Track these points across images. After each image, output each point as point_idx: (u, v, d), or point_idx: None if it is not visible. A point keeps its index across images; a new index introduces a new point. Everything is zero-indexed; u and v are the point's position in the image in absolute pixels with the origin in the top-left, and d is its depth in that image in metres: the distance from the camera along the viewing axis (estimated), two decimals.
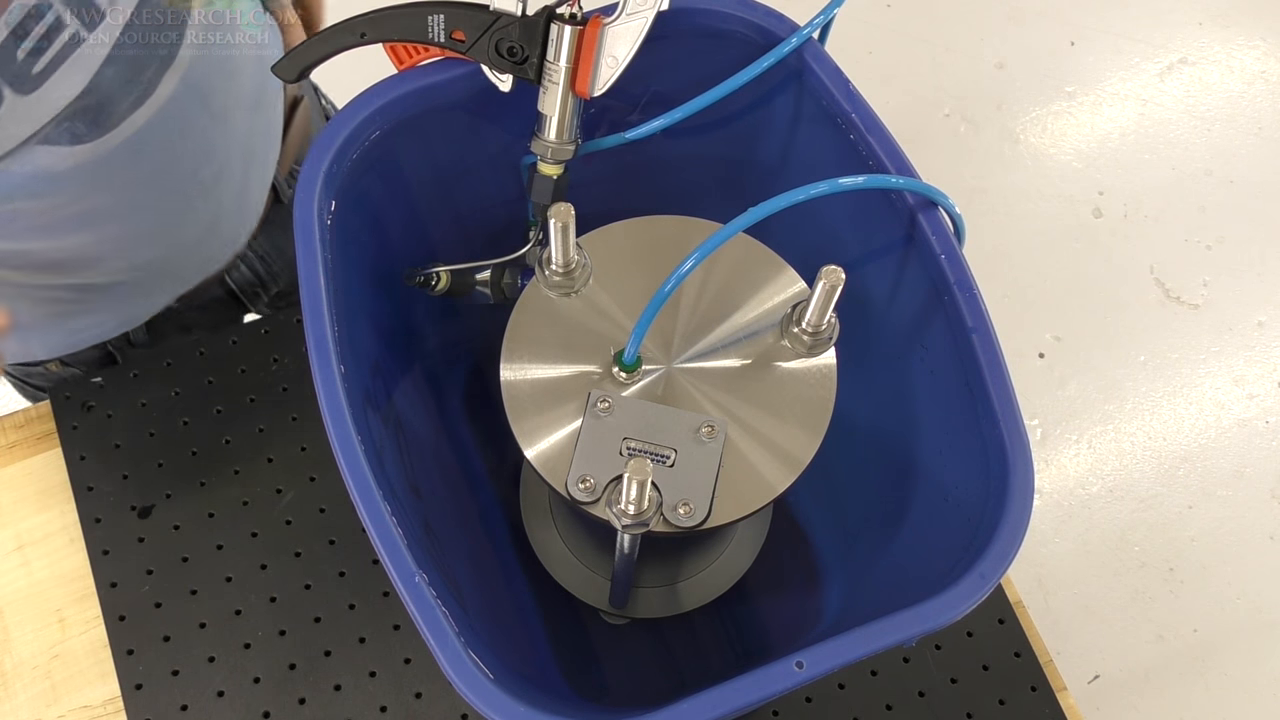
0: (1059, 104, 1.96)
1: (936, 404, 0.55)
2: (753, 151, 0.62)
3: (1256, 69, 2.01)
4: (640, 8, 0.49)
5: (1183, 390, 1.72)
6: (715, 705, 0.41)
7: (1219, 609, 1.57)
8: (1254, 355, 1.75)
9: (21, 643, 0.74)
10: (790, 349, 0.52)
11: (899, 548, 0.58)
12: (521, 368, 0.52)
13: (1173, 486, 1.65)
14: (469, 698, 0.41)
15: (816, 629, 0.63)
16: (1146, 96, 1.97)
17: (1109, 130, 1.94)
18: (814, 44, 0.55)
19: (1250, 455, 1.67)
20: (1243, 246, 1.84)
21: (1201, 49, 2.02)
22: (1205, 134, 1.94)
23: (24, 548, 0.77)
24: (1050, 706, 0.72)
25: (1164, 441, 1.68)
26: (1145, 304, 1.79)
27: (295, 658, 0.73)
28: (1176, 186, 1.89)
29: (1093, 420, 1.69)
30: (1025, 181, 1.88)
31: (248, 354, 0.83)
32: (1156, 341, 1.75)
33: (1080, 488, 1.65)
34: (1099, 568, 1.59)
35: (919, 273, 0.53)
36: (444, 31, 0.50)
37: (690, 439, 0.49)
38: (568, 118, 0.52)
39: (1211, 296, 1.79)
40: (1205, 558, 1.60)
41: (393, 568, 0.44)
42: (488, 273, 0.59)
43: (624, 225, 0.56)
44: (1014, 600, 0.75)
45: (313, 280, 0.48)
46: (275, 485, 0.78)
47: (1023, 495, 0.46)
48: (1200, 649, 1.54)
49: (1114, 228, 1.85)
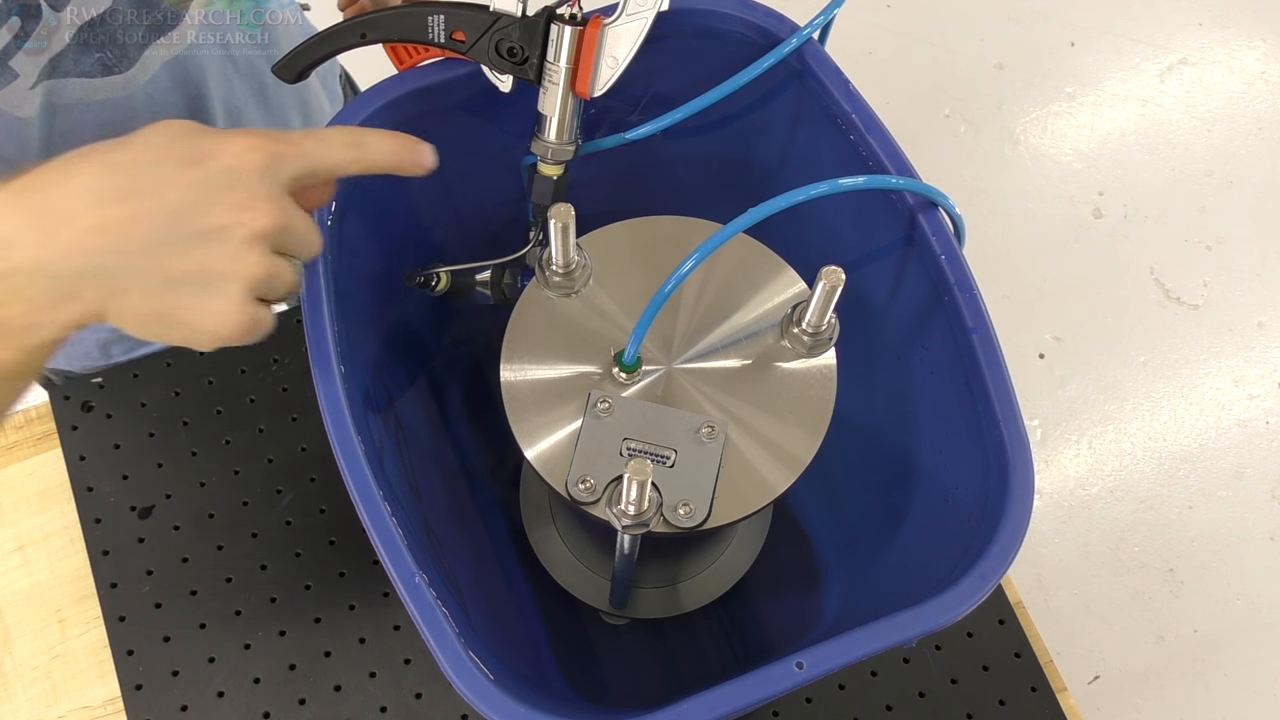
0: (1059, 104, 1.96)
1: (936, 404, 0.55)
2: (753, 152, 0.62)
3: (1256, 69, 2.01)
4: (640, 8, 0.49)
5: (1183, 391, 1.72)
6: (715, 705, 0.41)
7: (1219, 609, 1.57)
8: (1254, 356, 1.75)
9: (21, 643, 0.74)
10: (790, 349, 0.52)
11: (899, 548, 0.58)
12: (521, 368, 0.52)
13: (1173, 487, 1.65)
14: (469, 698, 0.41)
15: (816, 629, 0.63)
16: (1146, 97, 1.97)
17: (1109, 130, 1.94)
18: (814, 44, 0.55)
19: (1250, 456, 1.67)
20: (1243, 247, 1.84)
21: (1201, 49, 2.03)
22: (1205, 134, 1.94)
23: (24, 548, 0.77)
24: (1050, 707, 0.72)
25: (1164, 442, 1.68)
26: (1145, 304, 1.79)
27: (295, 658, 0.73)
28: (1176, 187, 1.89)
29: (1093, 420, 1.69)
30: (1025, 182, 1.89)
31: (248, 354, 0.83)
32: (1156, 342, 1.76)
33: (1080, 488, 1.65)
34: (1099, 568, 1.59)
35: (919, 273, 0.53)
36: (444, 32, 0.50)
37: (690, 439, 0.49)
38: (568, 118, 0.52)
39: (1211, 297, 1.79)
40: (1205, 558, 1.60)
41: (393, 568, 0.44)
42: (488, 273, 0.59)
43: (624, 225, 0.56)
44: (1014, 600, 0.75)
45: (313, 280, 0.48)
46: (275, 485, 0.78)
47: (1023, 496, 0.46)
48: (1200, 649, 1.54)
49: (1114, 228, 1.85)
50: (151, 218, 0.39)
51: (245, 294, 0.41)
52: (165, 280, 0.40)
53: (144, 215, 0.39)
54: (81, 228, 0.38)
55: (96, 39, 0.58)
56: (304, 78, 0.52)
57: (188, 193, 0.40)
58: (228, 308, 0.40)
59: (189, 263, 0.40)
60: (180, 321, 0.41)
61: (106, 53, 0.59)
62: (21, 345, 0.40)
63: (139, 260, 0.39)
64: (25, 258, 0.38)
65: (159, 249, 0.39)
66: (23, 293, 0.38)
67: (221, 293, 0.40)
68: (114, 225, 0.39)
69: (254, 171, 0.41)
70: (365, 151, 0.46)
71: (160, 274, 0.40)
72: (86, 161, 0.40)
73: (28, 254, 0.38)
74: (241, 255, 0.40)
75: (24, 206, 0.39)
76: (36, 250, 0.38)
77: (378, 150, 0.46)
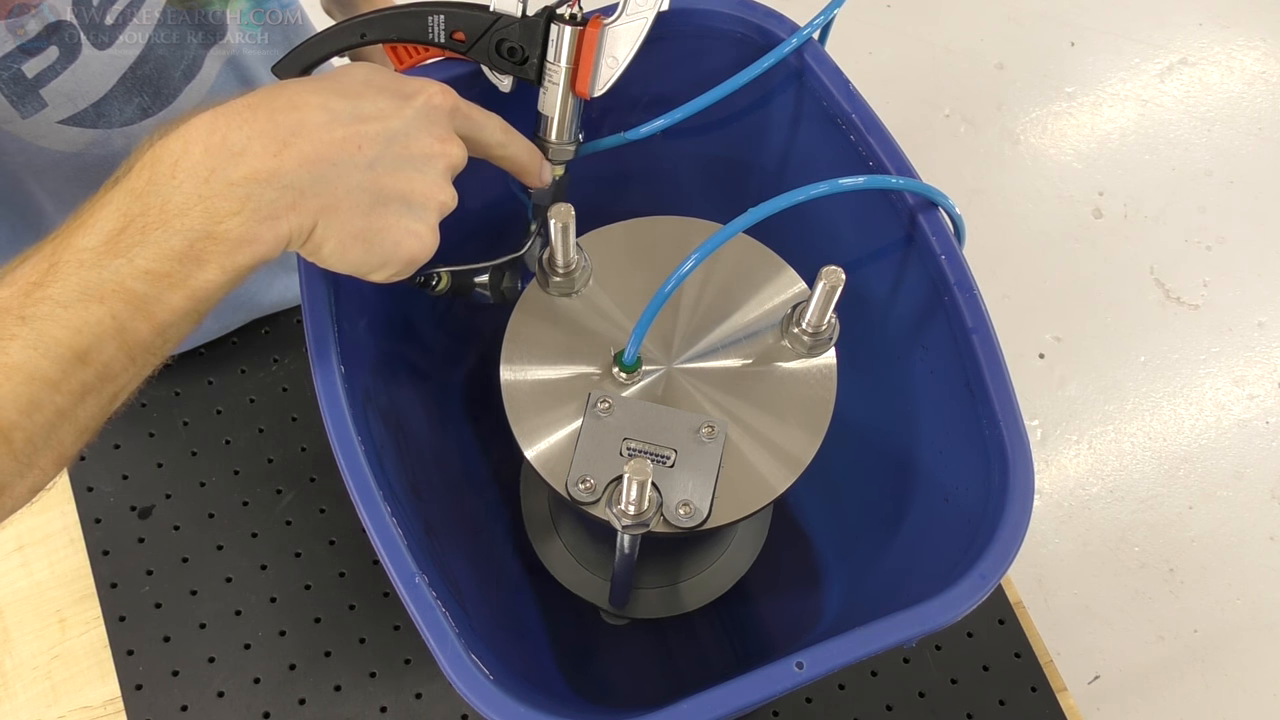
0: (1059, 104, 1.96)
1: (937, 404, 0.55)
2: (753, 152, 0.62)
3: (1256, 69, 2.01)
4: (641, 8, 0.49)
5: (1183, 390, 1.72)
6: (715, 705, 0.41)
7: (1219, 609, 1.57)
8: (1254, 356, 1.75)
9: (21, 643, 0.74)
10: (790, 349, 0.52)
11: (899, 548, 0.58)
12: (521, 368, 0.52)
13: (1173, 487, 1.65)
14: (469, 698, 0.41)
15: (816, 629, 0.63)
16: (1146, 97, 1.97)
17: (1109, 130, 1.94)
18: (814, 44, 0.55)
19: (1250, 456, 1.67)
20: (1243, 247, 1.84)
21: (1201, 49, 2.02)
22: (1205, 134, 1.94)
23: (24, 548, 0.77)
24: (1050, 707, 0.72)
25: (1164, 442, 1.68)
26: (1145, 304, 1.79)
27: (295, 658, 0.73)
28: (1176, 187, 1.89)
29: (1093, 420, 1.69)
30: (1025, 182, 1.88)
31: (248, 354, 0.83)
32: (1156, 342, 1.75)
33: (1080, 488, 1.64)
34: (1099, 568, 1.59)
35: (919, 273, 0.53)
36: (444, 32, 0.50)
37: (690, 439, 0.49)
38: (568, 118, 0.52)
39: (1211, 297, 1.79)
40: (1205, 558, 1.60)
41: (393, 568, 0.44)
42: (487, 273, 0.59)
43: (624, 225, 0.56)
44: (1014, 600, 0.75)
45: (313, 280, 0.48)
46: (275, 485, 0.78)
47: (1023, 496, 0.46)
48: (1200, 649, 1.54)
49: (1114, 228, 1.85)
50: (374, 139, 0.42)
51: (437, 219, 0.44)
52: (378, 198, 0.42)
53: (368, 136, 0.42)
54: (313, 141, 0.40)
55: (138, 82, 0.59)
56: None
57: (403, 122, 0.43)
58: (425, 230, 0.43)
59: (401, 184, 0.43)
60: (385, 240, 0.42)
61: (144, 96, 0.60)
62: (232, 264, 0.39)
63: (359, 176, 0.41)
64: (259, 167, 0.39)
65: (377, 167, 0.42)
66: (250, 202, 0.39)
67: (422, 216, 0.43)
68: (341, 142, 0.41)
69: (445, 111, 0.45)
70: (511, 142, 0.49)
71: (375, 191, 0.42)
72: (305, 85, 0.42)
73: (261, 164, 0.39)
74: (441, 183, 0.44)
75: (254, 119, 0.40)
76: (269, 161, 0.39)
77: (518, 148, 0.49)
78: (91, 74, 0.56)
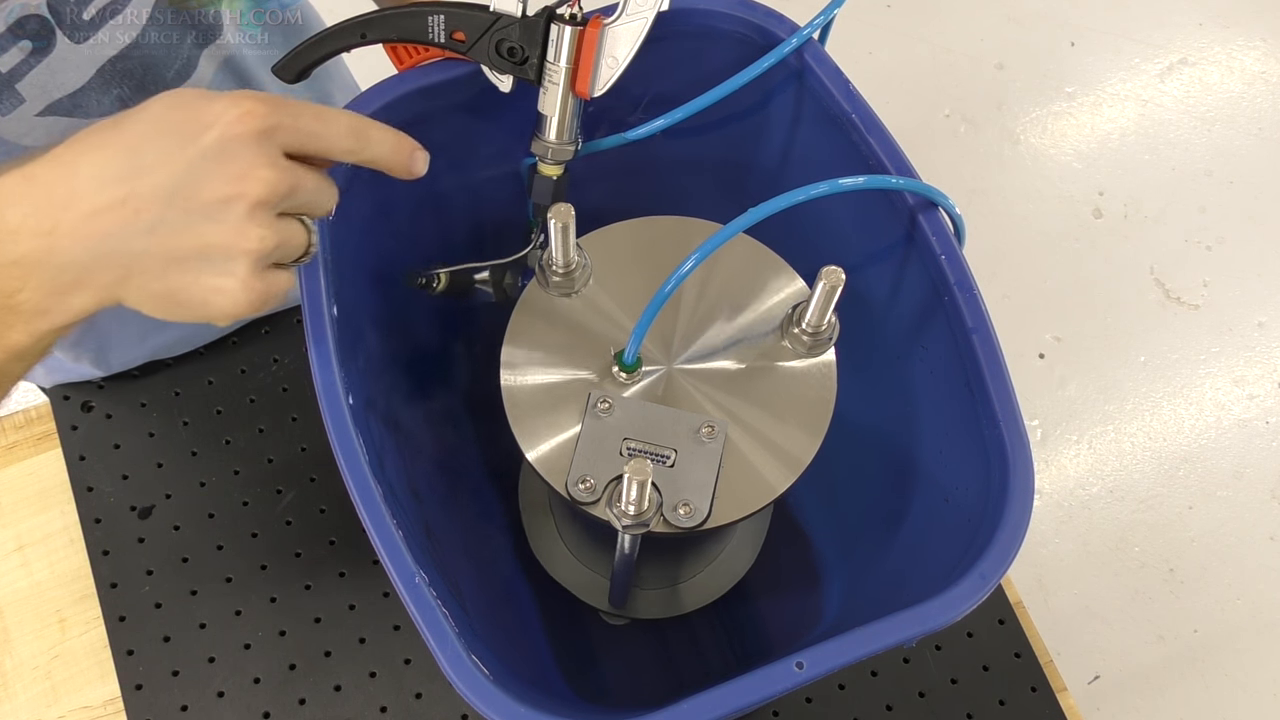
0: (1059, 104, 1.96)
1: (936, 404, 0.55)
2: (753, 152, 0.62)
3: (1256, 69, 2.01)
4: (641, 8, 0.49)
5: (1183, 390, 1.72)
6: (715, 705, 0.41)
7: (1219, 609, 1.57)
8: (1254, 356, 1.75)
9: (21, 643, 0.74)
10: (790, 349, 0.52)
11: (899, 548, 0.58)
12: (521, 368, 0.52)
13: (1173, 487, 1.65)
14: (469, 698, 0.41)
15: (816, 629, 0.63)
16: (1146, 97, 1.97)
17: (1109, 130, 1.94)
18: (814, 44, 0.55)
19: (1250, 456, 1.67)
20: (1243, 247, 1.84)
21: (1201, 49, 2.02)
22: (1205, 134, 1.94)
23: (24, 548, 0.77)
24: (1050, 707, 0.72)
25: (1164, 442, 1.68)
26: (1145, 304, 1.79)
27: (295, 658, 0.73)
28: (1176, 187, 1.89)
29: (1093, 420, 1.69)
30: (1025, 182, 1.88)
31: (248, 354, 0.83)
32: (1156, 342, 1.75)
33: (1080, 488, 1.64)
34: (1099, 568, 1.59)
35: (919, 273, 0.53)
36: (444, 32, 0.50)
37: (690, 439, 0.49)
38: (568, 118, 0.52)
39: (1211, 297, 1.79)
40: (1205, 558, 1.60)
41: (393, 568, 0.44)
42: (488, 273, 0.59)
43: (624, 225, 0.56)
44: (1014, 601, 0.75)
45: (313, 280, 0.48)
46: (275, 485, 0.78)
47: (1023, 496, 0.46)
48: (1200, 649, 1.54)
49: (1114, 228, 1.85)
50: (151, 199, 0.39)
51: (252, 267, 0.40)
52: (170, 261, 0.39)
53: (145, 197, 0.39)
54: (83, 213, 0.38)
55: (118, 75, 0.58)
56: (304, 78, 0.52)
57: (184, 170, 0.39)
58: (233, 284, 0.40)
59: (192, 240, 0.39)
60: (191, 301, 0.40)
61: (124, 88, 0.59)
62: (34, 330, 0.40)
63: (142, 242, 0.39)
64: (31, 247, 0.38)
65: (160, 230, 0.39)
66: (31, 280, 0.38)
67: (227, 269, 0.40)
68: (114, 208, 0.38)
69: (249, 139, 0.39)
70: (366, 144, 0.45)
71: (164, 255, 0.39)
72: (87, 142, 0.39)
73: (33, 244, 0.38)
74: (243, 228, 0.39)
75: (28, 194, 0.38)
76: (41, 239, 0.38)
77: (379, 146, 0.45)
78: (68, 66, 0.55)
